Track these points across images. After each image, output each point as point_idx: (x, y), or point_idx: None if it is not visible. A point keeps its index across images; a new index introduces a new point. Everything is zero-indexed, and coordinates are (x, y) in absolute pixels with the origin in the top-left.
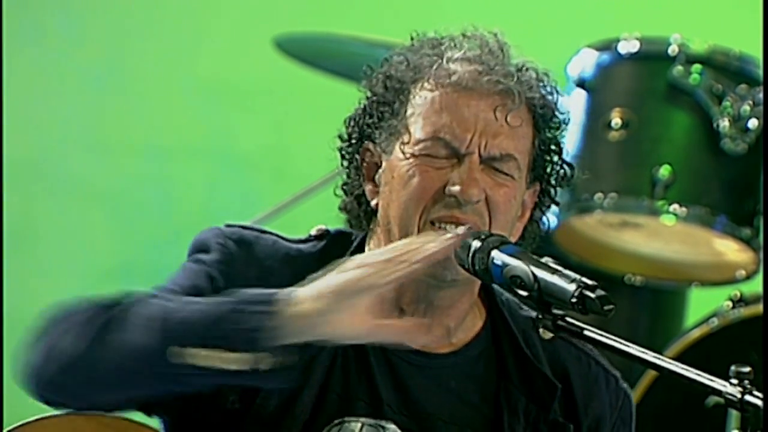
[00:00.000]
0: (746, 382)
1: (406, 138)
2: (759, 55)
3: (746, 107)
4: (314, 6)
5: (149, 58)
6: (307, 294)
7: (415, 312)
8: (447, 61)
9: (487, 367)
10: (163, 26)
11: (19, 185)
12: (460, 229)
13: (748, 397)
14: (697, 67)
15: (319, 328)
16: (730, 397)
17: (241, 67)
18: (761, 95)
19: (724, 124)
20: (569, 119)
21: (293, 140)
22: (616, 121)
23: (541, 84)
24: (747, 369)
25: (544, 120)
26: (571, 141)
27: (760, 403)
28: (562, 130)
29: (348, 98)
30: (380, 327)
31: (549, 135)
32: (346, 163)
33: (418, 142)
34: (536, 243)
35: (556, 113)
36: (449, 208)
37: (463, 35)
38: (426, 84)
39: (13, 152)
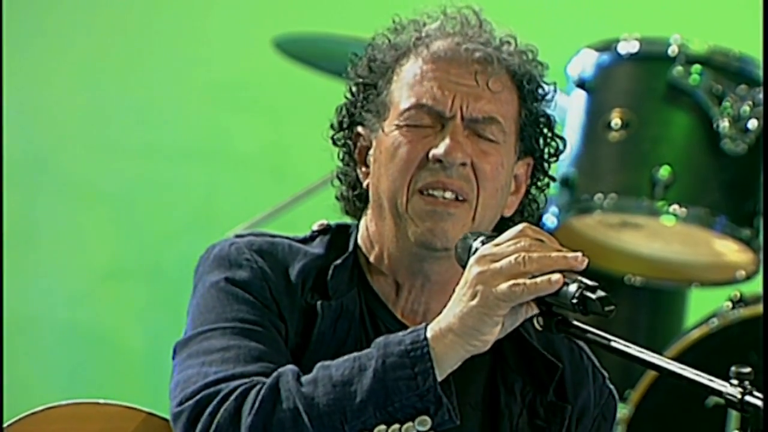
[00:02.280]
0: (746, 382)
1: (391, 113)
2: (759, 55)
3: (746, 108)
4: (314, 6)
5: (149, 58)
6: (441, 330)
7: (412, 287)
8: (427, 37)
9: None
10: (163, 27)
11: (19, 185)
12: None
13: (748, 398)
14: (696, 67)
15: (471, 348)
16: (730, 397)
17: (241, 67)
18: (761, 96)
19: (724, 124)
20: (555, 92)
21: (293, 140)
22: (616, 121)
23: (524, 55)
24: (747, 369)
25: (528, 90)
26: (570, 141)
27: (760, 403)
28: (548, 102)
29: None
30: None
31: (536, 106)
32: (339, 151)
33: (402, 112)
34: (536, 220)
35: (541, 85)
36: (435, 173)
37: (444, 14)
38: (407, 60)
39: (13, 152)
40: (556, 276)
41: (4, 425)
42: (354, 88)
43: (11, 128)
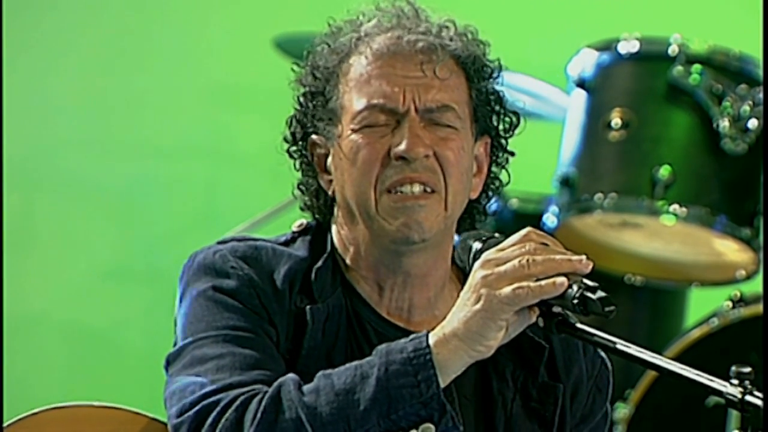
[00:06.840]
0: (747, 382)
1: (344, 117)
2: (759, 55)
3: (746, 107)
4: (314, 6)
5: (149, 58)
6: (445, 335)
7: (394, 285)
8: (366, 35)
9: None
10: (163, 26)
11: (18, 185)
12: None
13: (748, 398)
14: (697, 67)
15: (474, 353)
16: (730, 397)
17: (241, 67)
18: (761, 95)
19: (724, 124)
20: (500, 69)
21: None
22: (616, 121)
23: (464, 37)
24: (747, 369)
25: (474, 70)
26: (571, 141)
27: (760, 403)
28: (495, 79)
29: None
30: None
31: (484, 85)
32: (296, 163)
33: (356, 115)
34: (497, 196)
35: (486, 63)
36: (400, 170)
37: (378, 9)
38: (350, 61)
39: (13, 152)
40: (561, 279)
41: (4, 425)
42: (302, 99)
43: (11, 127)
